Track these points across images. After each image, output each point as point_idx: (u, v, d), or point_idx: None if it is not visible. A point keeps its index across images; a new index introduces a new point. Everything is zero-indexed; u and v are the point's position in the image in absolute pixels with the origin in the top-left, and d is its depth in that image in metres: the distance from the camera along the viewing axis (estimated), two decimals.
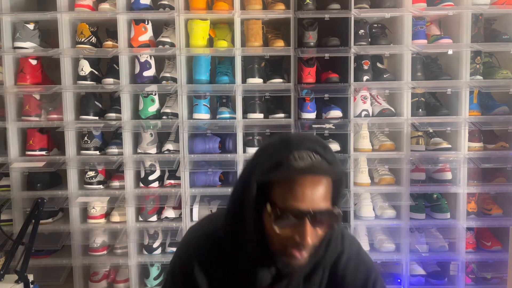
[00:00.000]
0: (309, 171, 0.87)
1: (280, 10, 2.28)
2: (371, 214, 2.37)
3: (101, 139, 2.43)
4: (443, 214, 2.37)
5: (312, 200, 0.86)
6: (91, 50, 2.31)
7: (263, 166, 0.89)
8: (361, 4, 2.25)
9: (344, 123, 2.29)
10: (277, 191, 0.87)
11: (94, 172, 2.37)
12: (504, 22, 2.44)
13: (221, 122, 2.32)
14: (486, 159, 2.27)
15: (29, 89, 2.30)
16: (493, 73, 2.36)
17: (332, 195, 0.90)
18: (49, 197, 2.28)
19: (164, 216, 2.37)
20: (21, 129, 2.36)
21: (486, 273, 2.38)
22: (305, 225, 0.85)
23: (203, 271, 0.99)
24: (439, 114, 2.34)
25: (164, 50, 2.30)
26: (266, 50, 2.30)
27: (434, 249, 2.37)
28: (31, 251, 1.62)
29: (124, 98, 2.30)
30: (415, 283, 2.35)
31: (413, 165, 2.30)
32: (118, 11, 2.27)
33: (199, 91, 2.32)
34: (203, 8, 2.27)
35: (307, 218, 0.85)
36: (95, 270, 2.41)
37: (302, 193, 0.86)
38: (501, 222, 2.34)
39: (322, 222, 0.88)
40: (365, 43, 2.31)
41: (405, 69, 2.29)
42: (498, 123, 2.29)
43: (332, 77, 2.31)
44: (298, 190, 0.86)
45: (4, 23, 2.28)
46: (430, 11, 2.33)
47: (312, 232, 0.87)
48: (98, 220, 2.38)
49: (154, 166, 2.34)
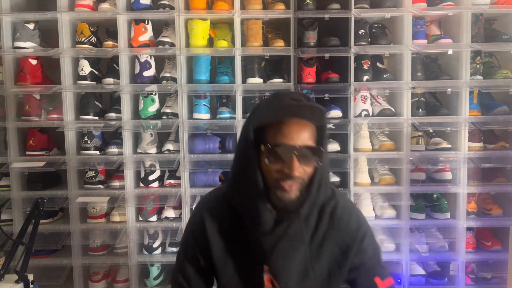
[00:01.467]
0: (294, 114, 1.04)
1: (280, 10, 2.28)
2: (371, 214, 2.36)
3: (101, 139, 2.43)
4: (443, 214, 2.37)
5: (297, 138, 1.03)
6: (91, 50, 2.31)
7: (257, 114, 1.09)
8: (361, 4, 2.25)
9: (344, 123, 2.29)
10: (269, 134, 1.05)
11: (94, 172, 2.37)
12: (504, 22, 2.44)
13: (221, 122, 2.32)
14: (486, 159, 2.27)
15: (29, 89, 2.30)
16: (493, 73, 2.36)
17: (316, 138, 1.07)
18: (49, 197, 2.28)
19: (164, 216, 2.37)
20: (21, 129, 2.36)
21: (486, 273, 2.38)
22: (292, 159, 1.02)
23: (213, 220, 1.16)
24: (439, 114, 2.34)
25: (164, 50, 2.30)
26: (266, 50, 2.30)
27: (434, 249, 2.37)
28: (31, 251, 1.62)
29: (124, 98, 2.30)
30: (415, 283, 2.35)
31: (413, 165, 2.30)
32: (118, 11, 2.27)
33: (199, 91, 2.32)
34: (203, 8, 2.28)
35: (294, 153, 1.02)
36: (95, 270, 2.41)
37: (289, 132, 1.03)
38: (501, 222, 2.34)
39: (307, 158, 1.04)
40: (365, 43, 2.31)
41: (405, 69, 2.29)
42: (498, 123, 2.28)
43: (332, 77, 2.31)
44: (285, 130, 1.04)
45: (4, 23, 2.28)
46: (430, 11, 2.33)
47: (299, 166, 1.02)
48: (98, 220, 2.38)
49: (154, 166, 2.34)
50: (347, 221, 1.16)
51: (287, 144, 1.03)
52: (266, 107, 1.11)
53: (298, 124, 1.04)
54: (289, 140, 1.03)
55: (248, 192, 1.09)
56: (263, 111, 1.09)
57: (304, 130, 1.05)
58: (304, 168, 1.05)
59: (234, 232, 1.14)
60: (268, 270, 1.11)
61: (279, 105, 1.07)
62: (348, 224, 1.16)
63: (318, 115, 1.06)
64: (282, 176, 1.04)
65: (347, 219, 1.16)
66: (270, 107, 1.09)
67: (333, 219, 1.15)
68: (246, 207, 1.11)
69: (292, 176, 1.02)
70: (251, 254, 1.12)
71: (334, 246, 1.14)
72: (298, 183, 1.05)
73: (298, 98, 1.07)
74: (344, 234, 1.15)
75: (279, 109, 1.05)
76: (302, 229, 1.11)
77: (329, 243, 1.14)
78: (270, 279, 1.11)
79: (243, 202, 1.12)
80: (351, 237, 1.15)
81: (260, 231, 1.10)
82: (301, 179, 1.05)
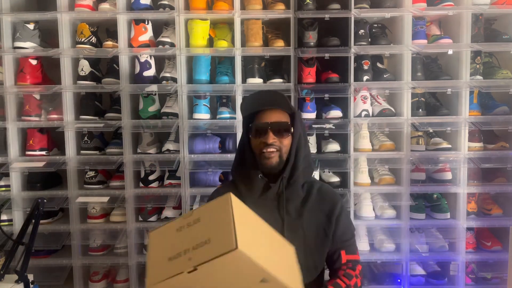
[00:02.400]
0: (269, 105, 1.46)
1: (280, 10, 2.28)
2: (371, 214, 2.36)
3: (101, 139, 2.43)
4: (443, 214, 2.37)
5: (270, 117, 1.45)
6: (91, 50, 2.31)
7: (243, 107, 1.55)
8: (361, 4, 2.25)
9: (344, 123, 2.29)
10: (256, 119, 1.47)
11: (94, 172, 2.37)
12: (504, 22, 2.44)
13: (221, 122, 2.32)
14: (486, 159, 2.27)
15: (29, 89, 2.30)
16: (493, 73, 2.36)
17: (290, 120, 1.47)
18: (49, 197, 2.28)
19: (164, 216, 2.37)
20: (21, 129, 2.37)
21: (486, 273, 2.38)
22: (268, 132, 1.43)
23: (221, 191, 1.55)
24: (439, 114, 2.34)
25: (164, 50, 2.30)
26: (266, 50, 2.30)
27: (434, 249, 2.37)
28: (31, 251, 1.62)
29: (124, 98, 2.30)
30: (415, 283, 2.35)
31: (413, 165, 2.30)
32: (118, 11, 2.27)
33: (199, 91, 2.32)
34: (203, 8, 2.28)
35: (268, 128, 1.43)
36: (95, 270, 2.41)
37: (266, 115, 1.46)
38: (501, 222, 2.34)
39: (279, 131, 1.44)
40: (365, 43, 2.31)
41: (405, 69, 2.29)
42: (498, 123, 2.28)
43: (332, 77, 2.31)
44: (263, 115, 1.46)
45: (4, 23, 2.28)
46: (430, 11, 2.33)
47: (273, 136, 1.42)
48: (98, 220, 2.38)
49: (154, 166, 2.34)
50: (330, 195, 1.52)
51: (264, 121, 1.44)
52: (251, 101, 1.53)
53: (272, 111, 1.46)
54: (265, 119, 1.45)
55: (243, 165, 1.49)
56: (248, 104, 1.52)
57: (277, 113, 1.46)
58: (280, 140, 1.44)
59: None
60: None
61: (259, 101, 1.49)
62: (331, 197, 1.51)
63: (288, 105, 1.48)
64: (263, 146, 1.43)
65: (331, 193, 1.53)
66: (253, 101, 1.51)
67: (320, 192, 1.51)
68: (242, 177, 1.50)
69: (268, 143, 1.42)
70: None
71: (321, 213, 1.47)
72: (276, 150, 1.43)
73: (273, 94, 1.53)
74: (327, 204, 1.49)
75: (258, 104, 1.48)
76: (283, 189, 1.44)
77: (316, 210, 1.47)
78: None
79: (240, 173, 1.51)
80: (333, 207, 1.48)
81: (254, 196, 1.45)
82: (278, 147, 1.43)
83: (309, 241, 1.43)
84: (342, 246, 1.47)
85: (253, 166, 1.46)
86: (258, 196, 1.46)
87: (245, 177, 1.48)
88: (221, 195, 1.27)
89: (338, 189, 2.29)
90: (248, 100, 1.57)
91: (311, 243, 1.43)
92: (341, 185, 2.33)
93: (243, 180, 1.49)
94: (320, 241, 1.45)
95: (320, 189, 1.52)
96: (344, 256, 1.45)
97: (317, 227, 1.45)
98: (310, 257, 1.43)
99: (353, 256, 1.47)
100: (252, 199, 1.42)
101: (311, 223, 1.45)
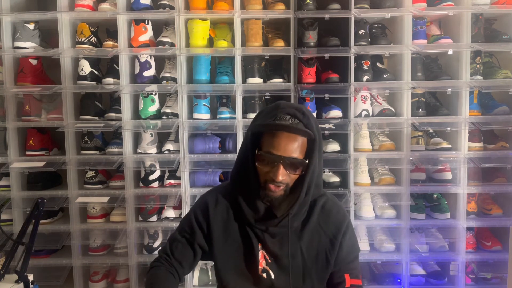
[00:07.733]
0: (284, 129, 1.20)
1: (280, 10, 2.28)
2: (371, 214, 2.36)
3: (101, 139, 2.43)
4: (443, 214, 2.37)
5: (285, 150, 1.20)
6: (91, 50, 2.31)
7: (256, 122, 1.28)
8: (361, 4, 2.25)
9: (344, 123, 2.29)
10: (263, 141, 1.23)
11: (94, 172, 2.37)
12: (504, 22, 2.44)
13: (221, 122, 2.32)
14: (486, 159, 2.27)
15: (29, 89, 2.30)
16: (493, 73, 2.36)
17: (306, 150, 1.24)
18: (49, 197, 2.28)
19: (164, 216, 2.37)
20: (21, 129, 2.36)
21: (486, 273, 2.38)
22: (278, 167, 1.20)
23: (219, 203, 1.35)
24: (439, 114, 2.34)
25: (164, 50, 2.30)
26: (266, 50, 2.30)
27: (434, 249, 2.38)
28: (31, 251, 1.62)
29: (124, 98, 2.30)
30: (415, 283, 2.35)
31: (413, 165, 2.30)
32: (118, 11, 2.27)
33: (199, 91, 2.32)
34: (203, 8, 2.28)
35: (280, 163, 1.19)
36: (95, 270, 2.41)
37: (278, 144, 1.20)
38: (501, 222, 2.34)
39: (292, 167, 1.22)
40: (365, 43, 2.31)
41: (405, 69, 2.29)
42: (498, 123, 2.28)
43: (332, 77, 2.31)
44: (275, 141, 1.20)
45: (4, 23, 2.28)
46: (430, 11, 2.33)
47: (284, 173, 1.21)
48: (98, 220, 2.38)
49: (154, 166, 2.34)
50: (335, 213, 1.34)
51: (275, 154, 1.20)
52: (264, 117, 1.26)
53: (288, 137, 1.21)
54: (277, 151, 1.20)
55: (246, 186, 1.29)
56: (261, 120, 1.26)
57: (292, 142, 1.21)
58: (290, 175, 1.23)
59: (234, 215, 1.33)
60: (261, 247, 1.31)
61: (274, 119, 1.22)
62: (336, 216, 1.34)
63: (309, 130, 1.22)
64: (269, 179, 1.22)
65: (336, 211, 1.35)
66: (267, 117, 1.24)
67: (323, 210, 1.34)
68: (244, 196, 1.31)
69: (276, 181, 1.20)
70: (247, 235, 1.31)
71: (323, 235, 1.32)
72: (283, 185, 1.23)
73: (293, 114, 1.22)
74: (332, 225, 1.33)
75: (273, 125, 1.22)
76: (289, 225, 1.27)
77: (319, 231, 1.32)
78: (263, 255, 1.31)
79: (242, 191, 1.31)
80: (337, 228, 1.32)
81: (254, 217, 1.29)
82: (286, 184, 1.24)
83: (309, 265, 1.31)
84: (346, 268, 1.34)
85: (255, 189, 1.27)
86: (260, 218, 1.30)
87: (247, 198, 1.30)
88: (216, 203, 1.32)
89: (338, 189, 2.30)
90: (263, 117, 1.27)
91: (311, 267, 1.31)
92: (341, 185, 2.33)
93: (244, 199, 1.31)
94: (320, 266, 1.32)
95: (324, 206, 1.34)
96: (349, 281, 1.33)
97: (318, 250, 1.32)
98: (309, 282, 1.32)
99: (357, 281, 1.34)
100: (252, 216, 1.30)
101: (311, 246, 1.32)
